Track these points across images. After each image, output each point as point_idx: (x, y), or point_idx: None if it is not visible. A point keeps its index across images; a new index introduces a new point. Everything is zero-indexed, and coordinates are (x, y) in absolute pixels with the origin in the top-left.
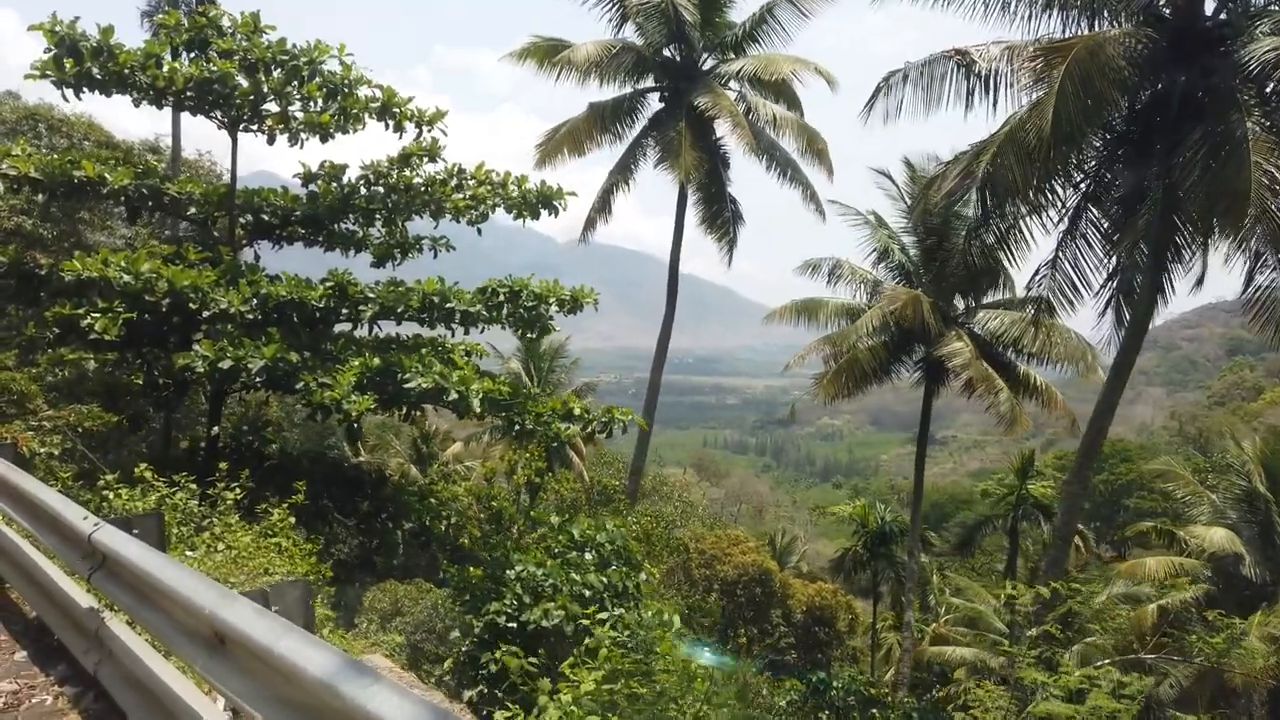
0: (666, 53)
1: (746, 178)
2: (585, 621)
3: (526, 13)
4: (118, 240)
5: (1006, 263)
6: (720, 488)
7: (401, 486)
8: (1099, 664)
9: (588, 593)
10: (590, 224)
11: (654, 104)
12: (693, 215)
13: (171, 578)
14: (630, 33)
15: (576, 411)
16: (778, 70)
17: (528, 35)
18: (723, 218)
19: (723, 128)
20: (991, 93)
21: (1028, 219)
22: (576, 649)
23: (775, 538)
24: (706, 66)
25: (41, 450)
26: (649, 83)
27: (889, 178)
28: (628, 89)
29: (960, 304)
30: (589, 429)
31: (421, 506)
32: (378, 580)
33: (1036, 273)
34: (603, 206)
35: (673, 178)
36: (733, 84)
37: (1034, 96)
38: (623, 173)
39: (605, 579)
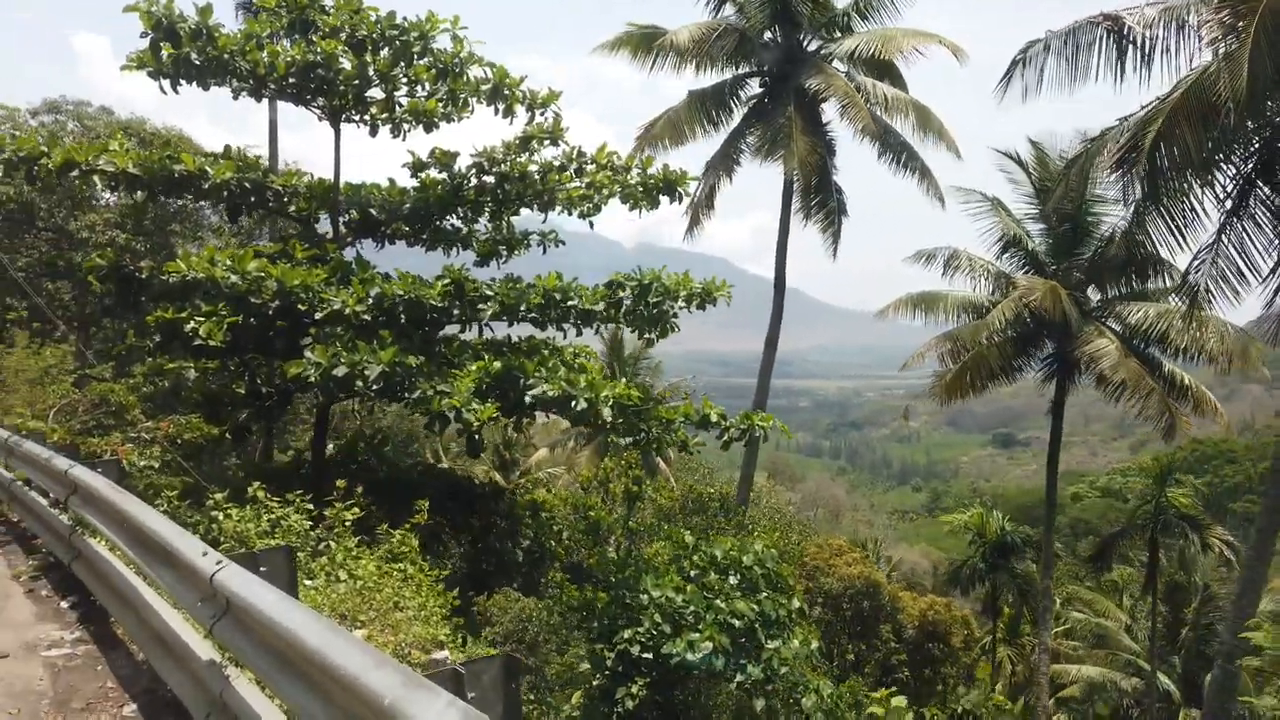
0: (767, 35)
1: None
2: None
3: (576, 19)
4: None
5: (1177, 245)
6: (796, 492)
7: (516, 501)
8: None
9: (737, 623)
10: (695, 221)
11: (752, 91)
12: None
13: (328, 645)
14: (729, 14)
15: (713, 418)
16: (896, 46)
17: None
18: (828, 208)
19: (831, 111)
20: (1146, 59)
21: (1201, 191)
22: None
23: (869, 545)
24: (812, 48)
25: (141, 463)
26: (748, 68)
27: (1017, 161)
28: (727, 75)
29: (1094, 296)
30: (726, 436)
31: (534, 522)
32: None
33: (1195, 258)
34: (708, 202)
35: (780, 168)
36: (837, 64)
37: (1201, 59)
38: (724, 164)
39: (756, 606)
